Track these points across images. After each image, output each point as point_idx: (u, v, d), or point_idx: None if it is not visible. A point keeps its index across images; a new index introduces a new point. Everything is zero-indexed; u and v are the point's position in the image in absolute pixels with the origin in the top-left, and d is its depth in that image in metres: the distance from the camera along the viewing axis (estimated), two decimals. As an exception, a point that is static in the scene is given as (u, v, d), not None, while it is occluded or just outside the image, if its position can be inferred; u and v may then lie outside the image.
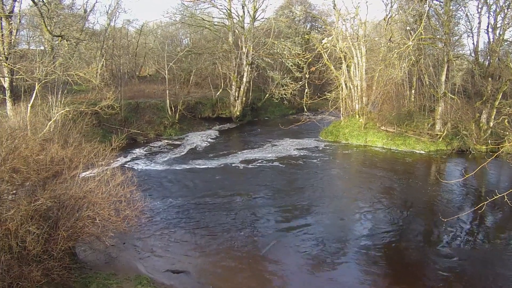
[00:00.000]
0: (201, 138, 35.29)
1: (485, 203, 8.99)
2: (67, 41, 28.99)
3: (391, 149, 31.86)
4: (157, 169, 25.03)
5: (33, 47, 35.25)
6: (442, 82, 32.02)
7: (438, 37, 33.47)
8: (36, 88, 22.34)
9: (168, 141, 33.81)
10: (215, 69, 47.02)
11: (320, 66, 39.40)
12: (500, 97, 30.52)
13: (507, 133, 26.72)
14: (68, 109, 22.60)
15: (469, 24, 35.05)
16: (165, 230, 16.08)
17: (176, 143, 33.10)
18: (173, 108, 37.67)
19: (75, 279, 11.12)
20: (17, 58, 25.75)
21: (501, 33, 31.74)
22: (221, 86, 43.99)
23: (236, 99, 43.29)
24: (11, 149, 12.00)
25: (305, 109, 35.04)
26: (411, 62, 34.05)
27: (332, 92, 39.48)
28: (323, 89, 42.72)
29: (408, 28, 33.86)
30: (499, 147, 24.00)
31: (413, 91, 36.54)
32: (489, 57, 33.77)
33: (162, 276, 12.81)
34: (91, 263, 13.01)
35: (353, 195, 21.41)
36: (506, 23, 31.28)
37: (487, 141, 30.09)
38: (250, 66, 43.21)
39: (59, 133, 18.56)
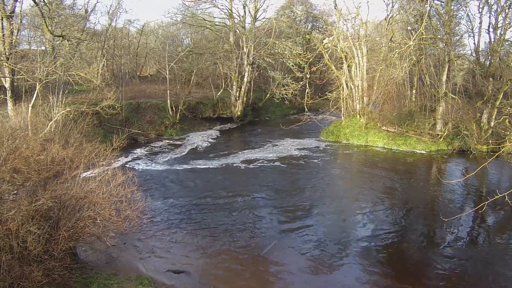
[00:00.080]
0: (202, 138, 35.28)
1: (486, 203, 8.98)
2: (68, 41, 29.01)
3: (392, 149, 31.85)
4: (158, 169, 25.05)
5: (34, 47, 35.34)
6: (443, 82, 31.99)
7: (439, 37, 33.46)
8: (37, 88, 22.38)
9: (169, 141, 33.81)
10: (216, 69, 46.98)
11: (321, 66, 39.30)
12: (501, 97, 30.52)
13: (508, 133, 26.70)
14: (69, 109, 22.64)
15: (470, 24, 35.19)
16: (166, 230, 16.08)
17: (177, 143, 33.10)
18: (174, 108, 37.68)
19: (76, 279, 11.13)
20: (18, 58, 25.75)
21: (502, 33, 31.72)
22: (222, 86, 43.96)
23: (237, 99, 43.29)
24: (12, 149, 12.01)
25: (306, 109, 34.90)
26: (412, 62, 34.06)
27: (333, 92, 39.46)
28: (324, 89, 42.68)
29: (409, 28, 33.84)
30: (500, 147, 23.98)
31: (414, 91, 36.51)
32: (490, 57, 33.74)
33: (163, 276, 12.80)
34: (92, 263, 13.01)
35: (354, 195, 21.40)
36: (507, 23, 31.26)
37: (488, 141, 30.07)
38: (251, 66, 43.22)
39: (60, 133, 18.58)
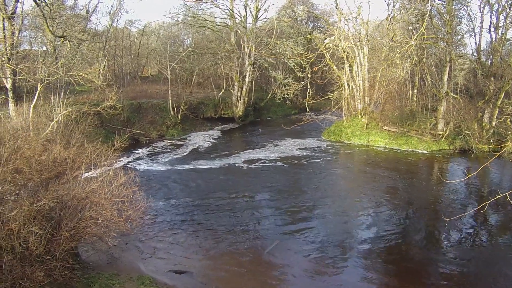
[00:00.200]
0: (203, 138, 35.29)
1: (487, 202, 8.93)
2: (69, 41, 29.08)
3: (393, 149, 31.82)
4: (160, 170, 25.06)
5: (36, 48, 35.35)
6: (444, 81, 31.96)
7: (440, 36, 33.41)
8: (38, 88, 22.38)
9: (170, 141, 33.82)
10: (217, 69, 46.98)
11: (322, 66, 39.28)
12: (502, 96, 30.48)
13: (510, 133, 26.68)
14: (70, 110, 22.63)
15: (471, 23, 34.93)
16: (168, 230, 16.08)
17: (178, 143, 33.11)
18: (175, 108, 37.68)
19: (77, 279, 11.14)
20: (19, 59, 25.80)
21: (503, 32, 31.70)
22: (223, 86, 43.94)
23: (238, 99, 43.29)
24: (14, 149, 12.02)
25: (307, 109, 34.68)
26: (413, 61, 34.01)
27: (334, 92, 39.43)
28: (325, 89, 42.62)
29: (410, 27, 33.82)
30: (501, 147, 24.00)
31: (416, 91, 36.47)
32: (491, 57, 33.69)
33: (164, 276, 12.81)
34: (94, 263, 13.02)
35: (356, 195, 21.39)
36: (508, 22, 31.22)
37: (490, 141, 30.01)
38: (252, 66, 43.22)
39: (62, 133, 18.58)
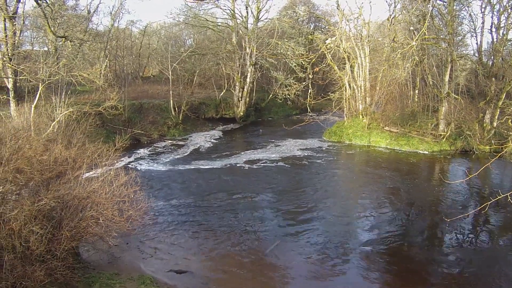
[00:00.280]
0: (204, 138, 35.30)
1: (488, 203, 8.93)
2: (70, 42, 29.13)
3: (394, 149, 31.79)
4: (161, 170, 25.07)
5: (37, 48, 35.44)
6: (445, 82, 31.92)
7: (441, 37, 33.38)
8: (39, 89, 22.44)
9: (171, 141, 33.84)
10: (218, 70, 46.98)
11: (323, 66, 39.24)
12: (503, 97, 30.45)
13: (511, 133, 26.62)
14: (71, 110, 22.67)
15: (472, 24, 34.83)
16: (169, 230, 16.09)
17: (179, 143, 33.13)
18: (176, 108, 37.70)
19: (78, 278, 11.16)
20: (21, 59, 25.83)
21: (504, 33, 31.67)
22: (224, 86, 43.98)
23: (239, 99, 43.30)
24: (15, 149, 12.04)
25: (308, 110, 34.60)
26: (415, 62, 33.97)
27: (335, 92, 39.43)
28: (326, 89, 42.63)
29: (411, 28, 33.74)
30: (502, 147, 23.89)
31: (417, 91, 36.45)
32: (492, 57, 33.67)
33: (165, 276, 12.82)
34: (94, 263, 13.03)
35: (358, 196, 21.39)
36: (509, 23, 31.18)
37: (491, 141, 29.96)
38: (253, 66, 43.22)
39: (63, 133, 18.60)
